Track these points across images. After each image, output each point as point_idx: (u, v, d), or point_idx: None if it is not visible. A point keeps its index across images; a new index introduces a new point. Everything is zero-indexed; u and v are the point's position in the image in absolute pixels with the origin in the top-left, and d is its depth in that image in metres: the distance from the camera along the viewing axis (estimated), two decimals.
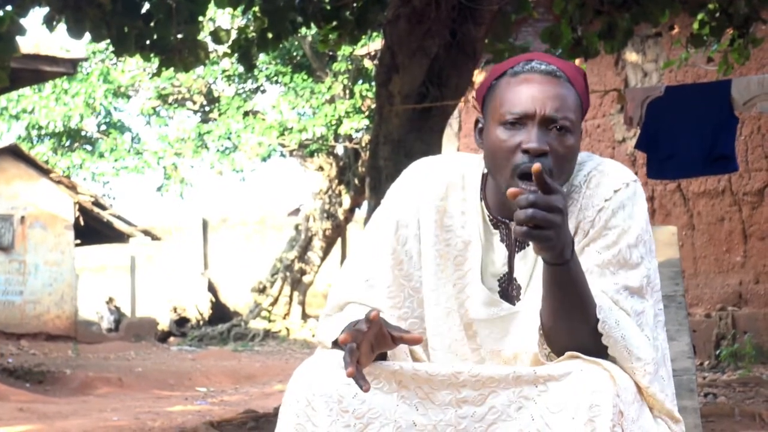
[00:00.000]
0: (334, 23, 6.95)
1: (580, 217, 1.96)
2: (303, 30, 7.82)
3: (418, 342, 1.84)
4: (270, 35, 6.93)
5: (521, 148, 1.90)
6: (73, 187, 18.14)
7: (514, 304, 2.00)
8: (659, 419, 1.90)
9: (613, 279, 1.91)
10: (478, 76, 9.40)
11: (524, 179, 1.87)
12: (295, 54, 19.47)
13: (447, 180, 2.04)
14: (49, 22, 6.18)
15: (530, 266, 2.00)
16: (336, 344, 1.94)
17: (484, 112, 2.01)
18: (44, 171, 17.83)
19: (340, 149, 19.82)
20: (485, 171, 2.03)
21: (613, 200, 1.94)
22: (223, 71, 19.73)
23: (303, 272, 20.40)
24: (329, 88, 18.36)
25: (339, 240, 20.84)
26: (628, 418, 1.76)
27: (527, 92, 1.92)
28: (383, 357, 1.91)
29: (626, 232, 1.93)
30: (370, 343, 1.82)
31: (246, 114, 19.30)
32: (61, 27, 6.26)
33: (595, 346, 1.85)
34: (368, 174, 6.58)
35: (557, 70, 1.95)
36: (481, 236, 2.02)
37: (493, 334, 2.00)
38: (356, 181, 19.40)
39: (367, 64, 17.26)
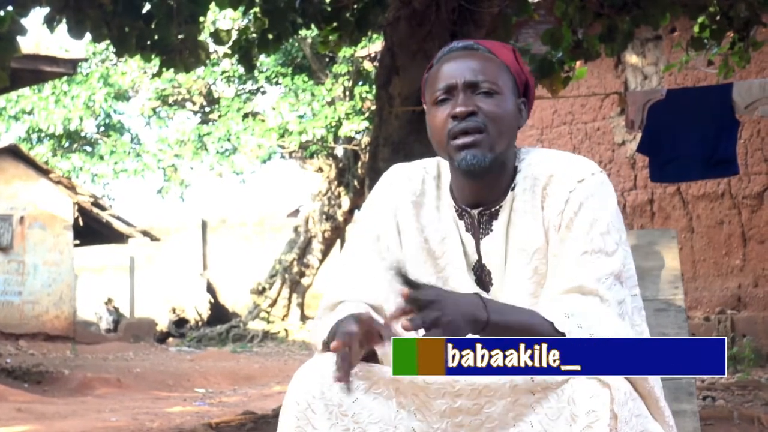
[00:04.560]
0: (335, 24, 6.94)
1: (547, 212, 1.99)
2: (303, 31, 7.81)
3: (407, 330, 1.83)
4: (270, 36, 6.92)
5: (450, 116, 1.97)
6: (72, 188, 18.12)
7: (488, 291, 2.02)
8: (654, 417, 1.89)
9: (593, 268, 1.92)
10: None
11: (456, 138, 1.95)
12: (295, 55, 19.46)
13: (422, 177, 2.10)
14: (50, 23, 6.17)
15: (500, 250, 2.02)
16: (327, 347, 1.95)
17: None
18: (44, 171, 17.80)
19: (339, 151, 19.80)
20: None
21: (577, 191, 1.97)
22: (223, 72, 19.71)
23: (302, 274, 20.38)
24: (329, 89, 18.35)
25: (338, 242, 20.82)
26: (621, 419, 1.77)
27: (448, 69, 2.01)
28: (373, 354, 1.92)
29: (597, 221, 1.95)
30: (359, 342, 1.83)
31: (246, 116, 19.28)
32: (62, 27, 6.25)
33: None
34: (368, 176, 6.57)
35: (473, 44, 2.04)
36: (457, 229, 2.05)
37: None
38: (356, 183, 19.39)
39: (368, 65, 17.25)
